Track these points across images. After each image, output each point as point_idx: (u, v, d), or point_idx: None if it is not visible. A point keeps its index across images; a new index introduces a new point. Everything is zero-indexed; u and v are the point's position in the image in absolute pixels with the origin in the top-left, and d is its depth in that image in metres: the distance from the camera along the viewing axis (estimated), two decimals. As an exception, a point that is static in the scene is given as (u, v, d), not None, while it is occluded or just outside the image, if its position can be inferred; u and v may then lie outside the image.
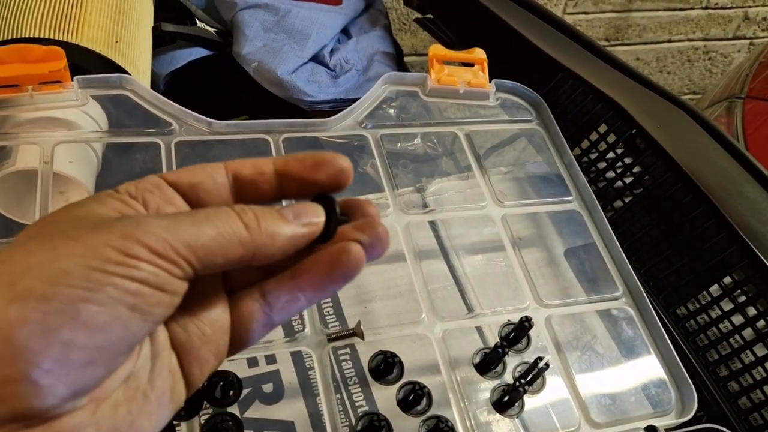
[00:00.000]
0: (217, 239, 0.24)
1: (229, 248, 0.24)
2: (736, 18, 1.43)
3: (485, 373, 0.48)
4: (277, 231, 0.25)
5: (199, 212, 0.24)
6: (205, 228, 0.24)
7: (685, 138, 0.58)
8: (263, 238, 0.25)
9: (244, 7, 0.73)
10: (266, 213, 0.25)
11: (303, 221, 0.26)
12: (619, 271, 0.56)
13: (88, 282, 0.21)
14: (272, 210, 0.26)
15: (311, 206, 0.27)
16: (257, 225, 0.25)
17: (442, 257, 0.56)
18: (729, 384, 0.52)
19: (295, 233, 0.26)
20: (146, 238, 0.22)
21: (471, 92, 0.63)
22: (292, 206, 0.26)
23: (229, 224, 0.24)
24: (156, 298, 0.22)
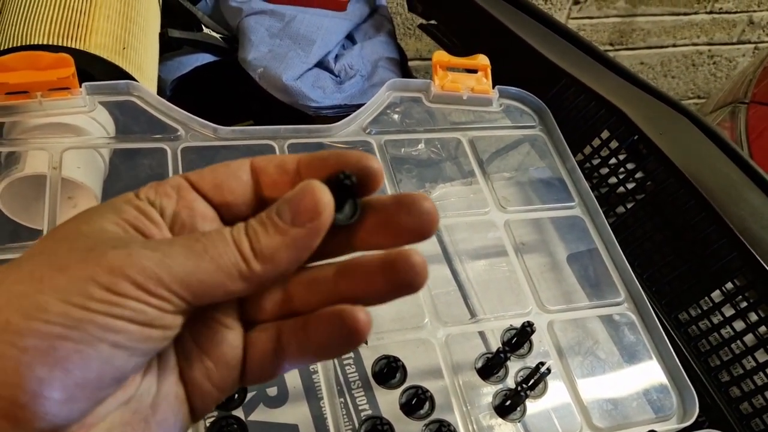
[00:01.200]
0: (215, 275, 0.22)
1: (229, 282, 0.23)
2: (740, 22, 1.43)
3: (487, 377, 0.48)
4: (276, 249, 0.23)
5: (197, 242, 0.23)
6: (201, 262, 0.22)
7: (688, 144, 0.58)
8: (264, 266, 0.23)
9: (249, 13, 0.73)
10: (261, 231, 0.23)
11: (302, 220, 0.23)
12: (621, 277, 0.56)
13: (67, 319, 0.20)
14: (269, 221, 0.24)
15: (309, 192, 0.23)
16: (253, 254, 0.23)
17: (446, 262, 0.56)
18: (731, 389, 0.52)
19: (296, 242, 0.23)
20: (135, 273, 0.21)
21: (474, 98, 0.63)
22: (288, 201, 0.24)
23: (226, 257, 0.22)
24: (143, 335, 0.21)
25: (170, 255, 0.22)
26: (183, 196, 0.25)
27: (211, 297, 0.22)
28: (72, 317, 0.20)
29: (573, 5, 1.27)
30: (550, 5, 1.25)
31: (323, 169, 0.25)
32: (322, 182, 0.24)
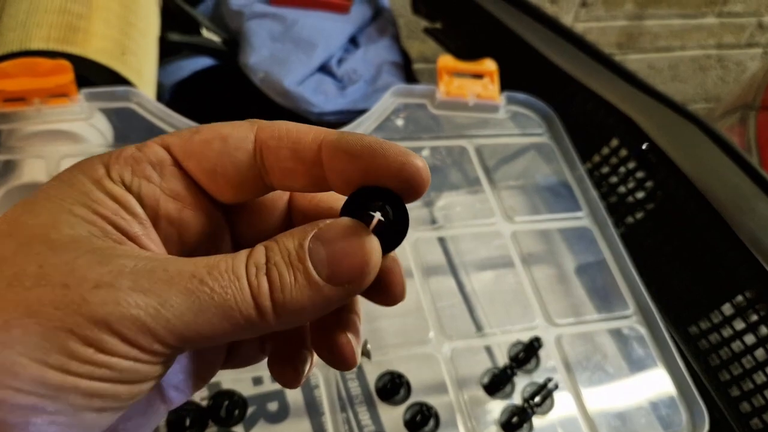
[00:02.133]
0: (219, 326, 0.18)
1: (232, 332, 0.18)
2: (749, 26, 1.41)
3: (494, 393, 0.47)
4: (302, 307, 0.19)
5: (201, 284, 0.18)
6: (206, 313, 0.18)
7: (698, 153, 0.57)
8: (280, 321, 0.19)
9: (251, 17, 0.72)
10: (287, 279, 0.19)
11: (343, 280, 0.19)
12: (629, 289, 0.55)
13: (44, 387, 0.16)
14: (299, 267, 0.19)
15: (356, 250, 0.19)
16: (272, 307, 0.18)
17: (451, 274, 0.55)
18: (741, 404, 0.51)
19: (329, 301, 0.19)
20: (124, 327, 0.17)
21: (480, 105, 0.62)
22: (330, 256, 0.19)
23: (238, 307, 0.18)
24: (132, 393, 0.18)
25: (168, 302, 0.17)
26: (167, 177, 0.20)
27: (207, 344, 0.19)
28: (50, 384, 0.16)
29: (580, 7, 1.26)
30: (557, 8, 1.23)
31: (353, 169, 0.20)
32: (354, 204, 0.20)
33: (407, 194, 0.21)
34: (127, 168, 0.20)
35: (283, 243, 0.19)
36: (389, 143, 0.20)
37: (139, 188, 0.20)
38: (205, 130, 0.21)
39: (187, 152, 0.21)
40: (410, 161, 0.20)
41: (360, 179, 0.20)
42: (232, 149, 0.21)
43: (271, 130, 0.21)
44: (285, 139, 0.21)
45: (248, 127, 0.21)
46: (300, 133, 0.21)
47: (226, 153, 0.20)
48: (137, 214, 0.20)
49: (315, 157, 0.20)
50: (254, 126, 0.21)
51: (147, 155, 0.20)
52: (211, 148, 0.21)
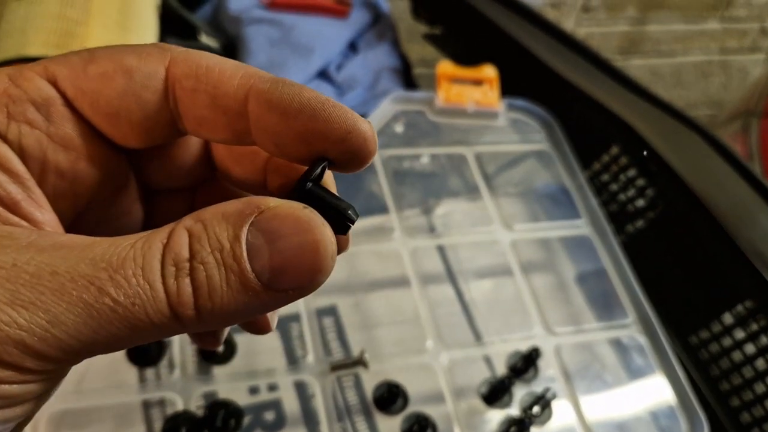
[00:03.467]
0: (126, 339, 0.14)
1: (147, 340, 0.15)
2: (751, 31, 1.41)
3: (492, 403, 0.47)
4: (233, 312, 0.15)
5: (100, 291, 0.14)
6: (107, 326, 0.14)
7: (699, 161, 0.56)
8: (207, 326, 0.15)
9: (249, 22, 0.72)
10: (217, 281, 0.15)
11: (286, 285, 0.15)
12: (629, 298, 0.54)
13: None
14: (233, 267, 0.15)
15: (310, 252, 0.15)
16: (195, 314, 0.15)
17: (450, 282, 0.55)
18: (741, 415, 0.51)
19: (265, 306, 0.15)
20: (2, 351, 0.14)
21: (480, 112, 0.62)
22: (269, 243, 0.15)
23: (148, 316, 0.14)
24: (4, 416, 0.15)
25: (59, 319, 0.14)
26: (55, 121, 0.16)
27: (109, 352, 0.15)
28: None
29: (582, 12, 1.26)
30: (558, 12, 1.23)
31: (286, 130, 0.16)
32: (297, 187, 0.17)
33: (348, 165, 0.17)
34: (1, 110, 0.16)
35: (214, 231, 0.15)
36: (333, 103, 0.16)
37: (19, 137, 0.16)
38: (102, 59, 0.16)
39: (80, 89, 0.16)
40: (357, 128, 0.16)
41: (293, 143, 0.17)
42: (138, 87, 0.17)
43: (187, 66, 0.17)
44: (203, 81, 0.17)
45: (158, 58, 0.17)
46: (223, 74, 0.17)
47: (131, 92, 0.16)
48: (15, 173, 0.16)
49: (240, 108, 0.17)
50: (166, 57, 0.17)
51: (28, 92, 0.16)
52: (111, 86, 0.16)
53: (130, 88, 0.16)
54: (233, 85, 0.17)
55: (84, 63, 0.17)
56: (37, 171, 0.16)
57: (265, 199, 0.15)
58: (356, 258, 0.54)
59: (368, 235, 0.54)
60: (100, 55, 0.17)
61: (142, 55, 0.17)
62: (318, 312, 0.50)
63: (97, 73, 0.16)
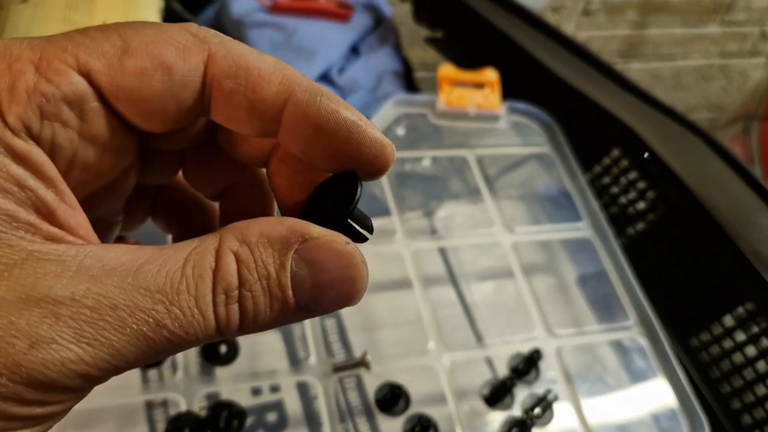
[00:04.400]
0: (169, 353, 0.15)
1: (182, 351, 0.16)
2: (752, 35, 1.41)
3: (494, 405, 0.47)
4: (269, 326, 0.16)
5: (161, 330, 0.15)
6: (161, 351, 0.15)
7: (699, 164, 0.56)
8: (236, 334, 0.16)
9: (252, 25, 0.72)
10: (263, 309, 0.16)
11: (321, 309, 0.16)
12: (630, 300, 0.55)
13: None
14: (277, 293, 0.16)
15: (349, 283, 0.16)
16: (237, 330, 0.16)
17: (452, 284, 0.55)
18: (741, 417, 0.51)
19: (296, 320, 0.17)
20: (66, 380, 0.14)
21: (481, 114, 0.62)
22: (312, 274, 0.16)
23: (197, 341, 0.15)
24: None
25: (121, 353, 0.14)
26: (88, 118, 0.15)
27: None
28: None
29: (582, 16, 1.26)
30: (559, 16, 1.24)
31: (319, 143, 0.17)
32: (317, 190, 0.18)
33: (366, 179, 0.18)
34: (34, 109, 0.14)
35: (261, 258, 0.16)
36: (366, 123, 0.17)
37: (52, 137, 0.15)
38: (139, 52, 0.15)
39: (117, 85, 0.15)
40: (384, 153, 0.18)
41: (322, 155, 0.17)
42: (177, 87, 0.16)
43: (226, 64, 0.16)
44: (243, 84, 0.17)
45: (197, 53, 0.16)
46: (262, 77, 0.17)
47: (170, 92, 0.16)
48: (50, 178, 0.15)
49: (276, 114, 0.17)
50: (204, 50, 0.16)
51: (61, 88, 0.15)
52: (151, 85, 0.16)
53: (170, 88, 0.16)
54: (272, 91, 0.17)
55: (119, 54, 0.15)
56: (64, 167, 0.16)
57: (308, 226, 0.16)
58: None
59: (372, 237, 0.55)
60: (135, 46, 0.16)
61: (181, 49, 0.16)
62: (320, 314, 0.51)
63: (135, 68, 0.16)
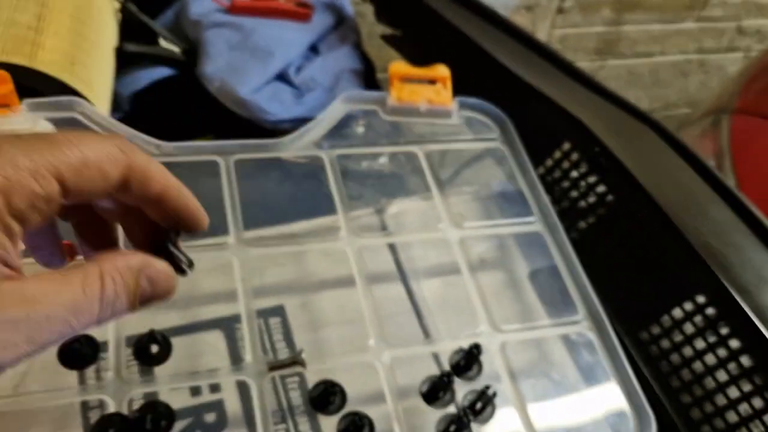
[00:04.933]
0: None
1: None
2: (729, 30, 1.41)
3: (432, 402, 0.46)
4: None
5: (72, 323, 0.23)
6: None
7: (650, 156, 0.56)
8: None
9: (209, 26, 0.72)
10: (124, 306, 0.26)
11: (149, 305, 0.27)
12: (580, 295, 0.54)
13: None
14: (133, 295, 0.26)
15: (169, 291, 0.28)
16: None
17: (401, 281, 0.54)
18: (691, 411, 0.50)
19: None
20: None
21: (433, 110, 0.62)
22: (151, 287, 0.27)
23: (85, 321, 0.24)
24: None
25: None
26: (53, 205, 0.24)
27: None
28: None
29: (557, 14, 1.26)
30: (533, 14, 1.23)
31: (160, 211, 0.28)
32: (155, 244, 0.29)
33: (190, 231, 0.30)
34: (28, 204, 0.22)
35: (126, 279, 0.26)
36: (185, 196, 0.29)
37: (29, 220, 0.23)
38: (90, 166, 0.24)
39: (77, 186, 0.24)
40: (199, 218, 0.30)
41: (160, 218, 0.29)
42: (108, 186, 0.26)
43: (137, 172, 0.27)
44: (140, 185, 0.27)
45: (122, 164, 0.26)
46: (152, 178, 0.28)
47: (103, 189, 0.26)
48: (18, 242, 0.23)
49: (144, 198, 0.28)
50: (125, 162, 0.26)
51: (46, 191, 0.23)
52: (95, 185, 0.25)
53: (104, 187, 0.25)
54: (155, 189, 0.28)
55: (80, 167, 0.24)
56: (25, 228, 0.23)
57: (151, 258, 0.27)
58: (305, 258, 0.54)
59: (318, 235, 0.54)
60: (89, 159, 0.24)
61: (113, 161, 0.26)
62: (264, 312, 0.50)
63: (89, 176, 0.24)
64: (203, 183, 0.54)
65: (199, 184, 0.55)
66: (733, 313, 0.48)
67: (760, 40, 1.43)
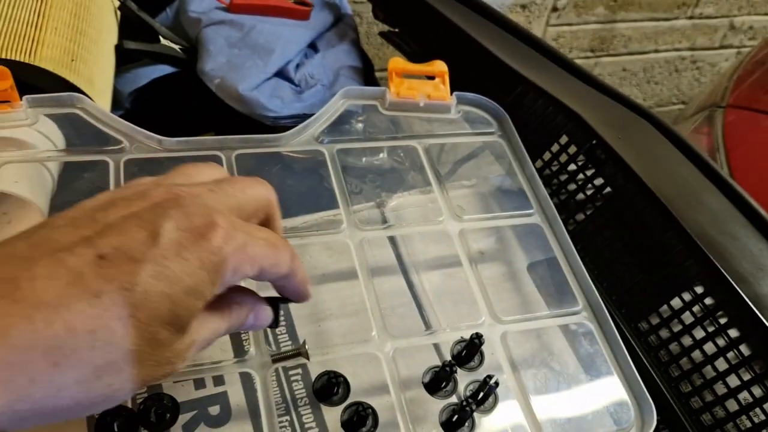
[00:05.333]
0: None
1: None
2: (722, 27, 1.42)
3: (435, 392, 0.47)
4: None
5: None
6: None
7: (646, 148, 0.56)
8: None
9: (208, 24, 0.72)
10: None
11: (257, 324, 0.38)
12: (579, 285, 0.54)
13: None
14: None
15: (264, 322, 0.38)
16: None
17: (401, 273, 0.55)
18: (691, 400, 0.51)
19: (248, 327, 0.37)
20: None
21: (432, 105, 0.62)
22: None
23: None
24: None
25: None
26: None
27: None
28: None
29: (552, 12, 1.26)
30: (528, 12, 1.24)
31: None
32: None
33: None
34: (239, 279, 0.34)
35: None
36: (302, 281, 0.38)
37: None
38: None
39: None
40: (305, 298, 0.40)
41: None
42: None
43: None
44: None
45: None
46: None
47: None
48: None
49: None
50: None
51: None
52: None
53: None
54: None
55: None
56: None
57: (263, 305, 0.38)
58: (306, 251, 0.54)
59: (319, 228, 0.54)
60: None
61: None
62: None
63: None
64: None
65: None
66: (732, 302, 0.48)
67: (752, 37, 1.44)
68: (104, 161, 0.52)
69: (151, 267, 0.27)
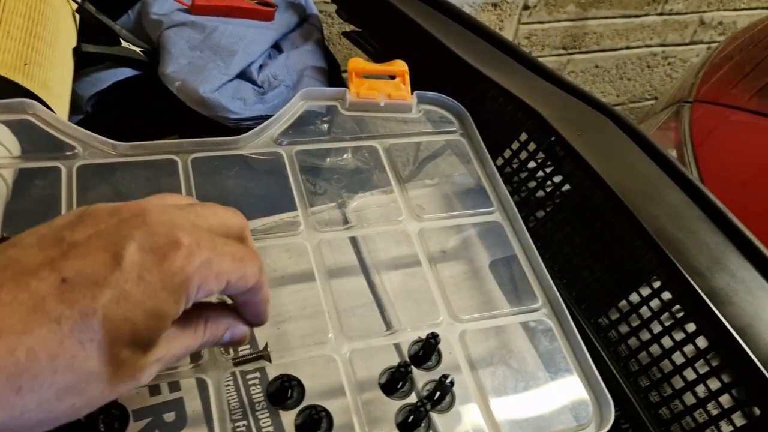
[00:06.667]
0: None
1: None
2: (692, 23, 1.42)
3: (391, 393, 0.46)
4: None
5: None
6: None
7: (605, 144, 0.57)
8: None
9: (170, 26, 0.72)
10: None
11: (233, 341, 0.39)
12: (539, 282, 0.54)
13: None
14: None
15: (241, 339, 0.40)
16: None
17: (362, 274, 0.54)
18: (650, 394, 0.51)
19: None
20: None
21: (392, 105, 0.62)
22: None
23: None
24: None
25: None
26: None
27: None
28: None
29: (523, 10, 1.26)
30: (499, 11, 1.24)
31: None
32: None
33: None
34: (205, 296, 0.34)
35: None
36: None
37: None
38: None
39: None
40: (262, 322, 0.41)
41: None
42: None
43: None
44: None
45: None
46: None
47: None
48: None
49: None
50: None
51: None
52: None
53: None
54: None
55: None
56: None
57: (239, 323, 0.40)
58: (265, 254, 0.54)
59: (278, 230, 0.54)
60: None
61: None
62: (225, 310, 0.50)
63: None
64: (162, 182, 0.54)
65: (157, 183, 0.55)
66: (688, 296, 0.48)
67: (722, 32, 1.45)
68: (57, 167, 0.52)
69: (112, 291, 0.28)
